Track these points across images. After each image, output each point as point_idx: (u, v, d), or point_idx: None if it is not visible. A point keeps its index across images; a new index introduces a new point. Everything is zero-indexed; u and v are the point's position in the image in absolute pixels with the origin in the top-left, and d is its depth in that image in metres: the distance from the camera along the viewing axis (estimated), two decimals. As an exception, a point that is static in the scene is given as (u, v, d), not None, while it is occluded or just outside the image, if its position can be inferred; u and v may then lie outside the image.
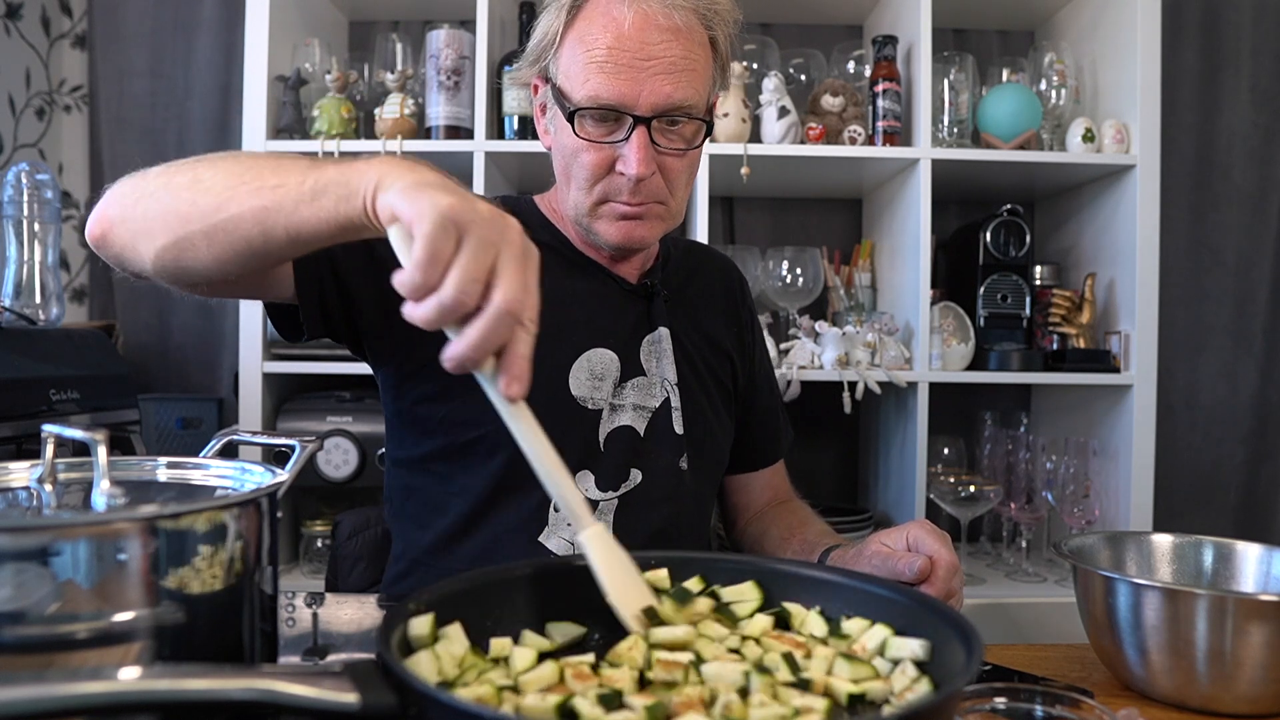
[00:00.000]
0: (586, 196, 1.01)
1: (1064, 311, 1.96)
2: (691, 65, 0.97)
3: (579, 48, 0.97)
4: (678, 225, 1.09)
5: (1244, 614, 0.65)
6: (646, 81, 0.95)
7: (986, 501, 1.87)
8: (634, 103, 0.95)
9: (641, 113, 0.95)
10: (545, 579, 0.68)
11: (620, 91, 0.95)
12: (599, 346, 1.06)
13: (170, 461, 0.68)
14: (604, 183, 1.00)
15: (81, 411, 1.55)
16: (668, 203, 1.02)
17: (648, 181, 0.98)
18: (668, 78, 0.95)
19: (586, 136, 0.98)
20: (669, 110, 0.96)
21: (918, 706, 0.47)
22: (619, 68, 0.94)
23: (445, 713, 0.45)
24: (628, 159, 0.96)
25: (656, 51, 0.95)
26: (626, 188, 0.98)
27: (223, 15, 2.17)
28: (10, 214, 1.68)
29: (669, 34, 0.95)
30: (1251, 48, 2.22)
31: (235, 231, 0.75)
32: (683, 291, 1.16)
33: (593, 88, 0.95)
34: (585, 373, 1.05)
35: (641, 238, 1.03)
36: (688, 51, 0.96)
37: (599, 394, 1.05)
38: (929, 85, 1.86)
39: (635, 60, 0.94)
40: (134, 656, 0.50)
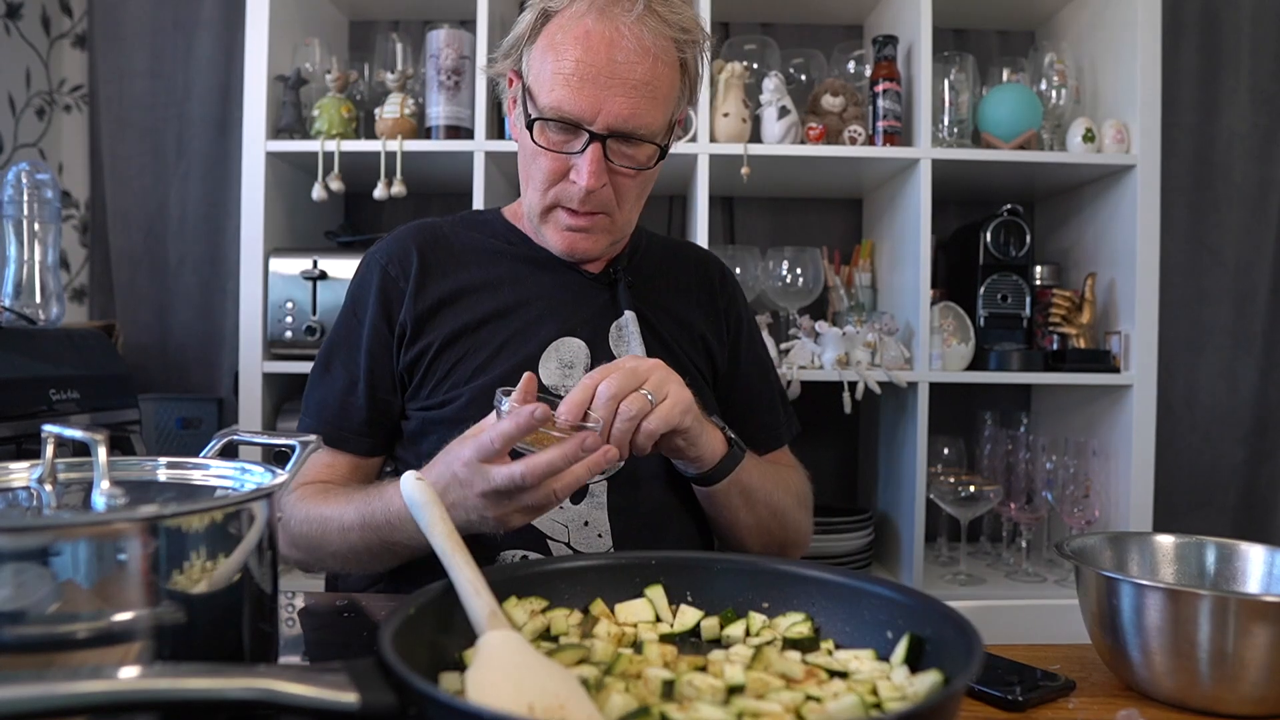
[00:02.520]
0: (540, 199, 1.06)
1: (1064, 311, 1.96)
2: (653, 91, 0.99)
3: (549, 54, 1.00)
4: (624, 238, 1.13)
5: (1247, 615, 0.64)
6: (607, 100, 0.98)
7: (986, 501, 1.87)
8: (592, 118, 0.98)
9: (597, 129, 0.99)
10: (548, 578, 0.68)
11: (581, 106, 0.98)
12: (566, 335, 1.10)
13: (170, 461, 0.68)
14: (557, 189, 1.04)
15: (81, 411, 1.54)
16: (614, 216, 1.06)
17: (597, 194, 1.02)
18: (627, 100, 0.98)
19: (545, 144, 1.02)
20: (624, 131, 1.00)
21: (919, 706, 0.47)
22: (583, 81, 0.97)
23: (445, 712, 0.45)
24: (580, 170, 1.00)
25: (621, 71, 0.97)
26: (576, 196, 1.02)
27: (223, 15, 2.17)
28: (10, 214, 1.68)
29: (636, 55, 0.97)
30: (1251, 48, 2.22)
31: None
32: (652, 280, 1.18)
33: (556, 98, 0.99)
34: (555, 362, 1.08)
35: (585, 250, 1.08)
36: (653, 75, 0.99)
37: (570, 381, 1.07)
38: (929, 85, 1.86)
39: (599, 76, 0.97)
40: (134, 656, 0.50)
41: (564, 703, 0.50)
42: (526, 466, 0.77)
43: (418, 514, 0.68)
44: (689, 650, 0.65)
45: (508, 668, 0.53)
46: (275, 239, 1.88)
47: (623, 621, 0.68)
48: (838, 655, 0.63)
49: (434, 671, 0.57)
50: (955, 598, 1.77)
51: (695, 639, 0.68)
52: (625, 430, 0.87)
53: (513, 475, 0.77)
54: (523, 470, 0.77)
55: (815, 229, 2.30)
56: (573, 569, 0.71)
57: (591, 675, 0.55)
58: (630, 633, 0.66)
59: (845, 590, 0.67)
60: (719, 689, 0.54)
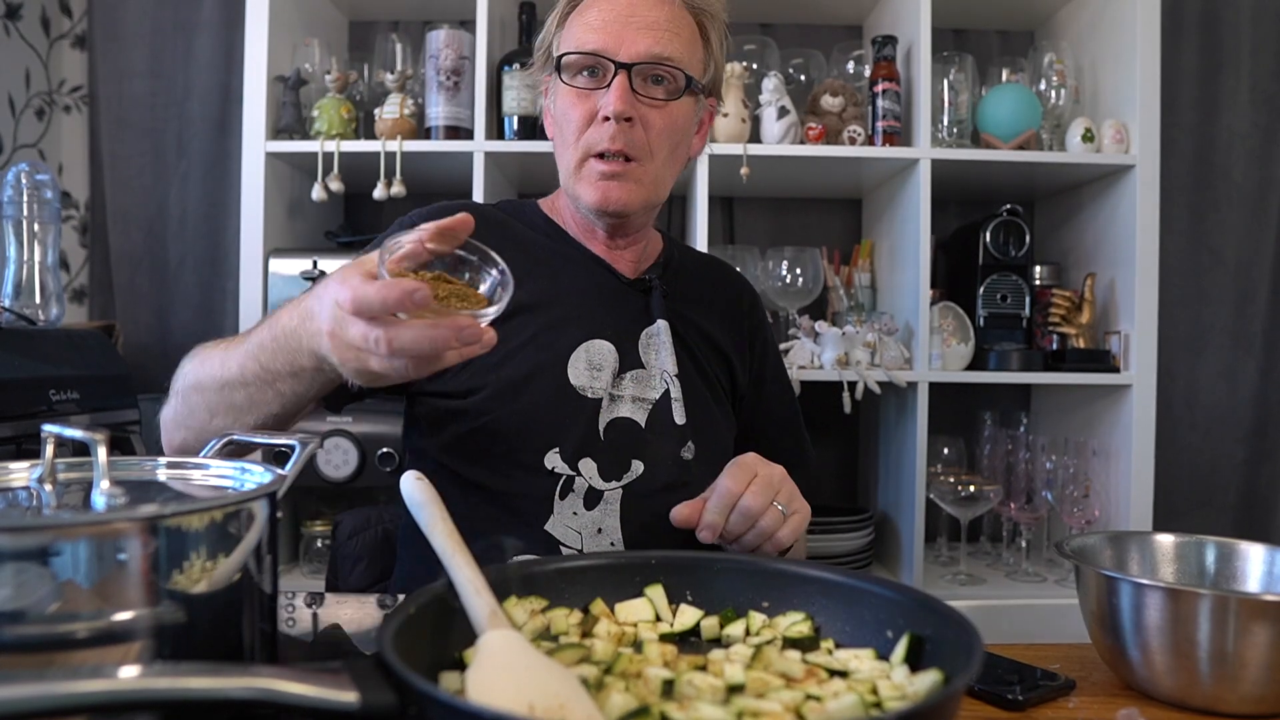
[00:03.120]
0: (573, 152, 1.06)
1: (1064, 311, 1.96)
2: (675, 29, 1.04)
3: (576, 23, 1.06)
4: (659, 200, 1.11)
5: (1247, 614, 0.64)
6: (628, 35, 1.02)
7: (986, 501, 1.87)
8: (615, 50, 1.02)
9: (623, 59, 1.02)
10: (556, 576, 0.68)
11: (603, 42, 1.02)
12: (597, 338, 1.08)
13: (170, 461, 0.68)
14: (588, 134, 1.04)
15: (81, 411, 1.54)
16: (645, 162, 1.05)
17: (626, 129, 1.02)
18: (650, 32, 1.02)
19: (575, 86, 1.04)
20: (649, 58, 1.02)
21: (919, 705, 0.47)
22: (605, 23, 1.03)
23: (445, 712, 0.45)
24: (607, 100, 1.02)
25: (641, 13, 1.03)
26: (606, 134, 1.03)
27: (223, 15, 2.17)
28: (10, 214, 1.68)
29: (655, 4, 1.04)
30: (1251, 48, 2.22)
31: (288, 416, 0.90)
32: (684, 292, 1.17)
33: (579, 41, 1.04)
34: (584, 363, 1.07)
35: (619, 200, 1.06)
36: (672, 18, 1.04)
37: (598, 383, 1.07)
38: (929, 85, 1.86)
39: (620, 17, 1.03)
40: (134, 656, 0.50)
41: (564, 702, 0.49)
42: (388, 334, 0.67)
43: (417, 513, 0.68)
44: (689, 650, 0.65)
45: (508, 667, 0.53)
46: (275, 239, 1.88)
47: (623, 621, 0.68)
48: (838, 655, 0.63)
49: (434, 671, 0.57)
50: (955, 598, 1.77)
51: (695, 639, 0.68)
52: (756, 543, 0.90)
53: (366, 336, 0.68)
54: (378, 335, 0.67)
55: (815, 229, 2.30)
56: (573, 569, 0.71)
57: (591, 675, 0.55)
58: (630, 632, 0.66)
59: (845, 590, 0.67)
60: (719, 688, 0.54)
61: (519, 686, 0.51)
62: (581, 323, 1.08)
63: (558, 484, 1.04)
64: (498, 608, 0.59)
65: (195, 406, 0.92)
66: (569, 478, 1.04)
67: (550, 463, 1.04)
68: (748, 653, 0.62)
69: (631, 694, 0.53)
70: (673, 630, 0.67)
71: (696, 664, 0.60)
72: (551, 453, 1.04)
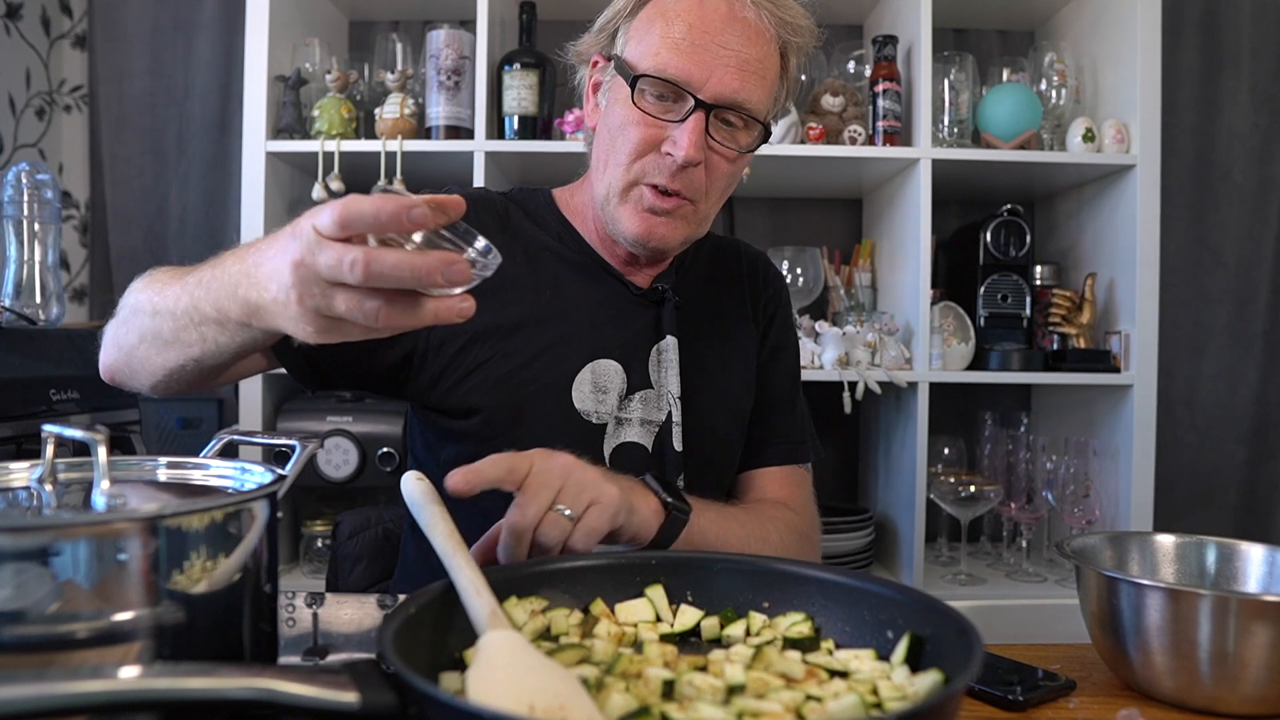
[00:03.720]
0: (623, 174, 0.97)
1: (1064, 311, 1.96)
2: (763, 70, 0.95)
3: (657, 22, 0.95)
4: (700, 235, 1.04)
5: (1248, 615, 0.64)
6: (717, 69, 0.92)
7: (986, 501, 1.87)
8: (700, 85, 0.92)
9: (705, 97, 0.93)
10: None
11: (689, 71, 0.92)
12: (604, 357, 1.02)
13: (170, 461, 0.68)
14: (645, 161, 0.96)
15: (81, 411, 1.54)
16: (699, 204, 0.98)
17: (690, 173, 0.95)
18: (738, 72, 0.93)
19: (644, 109, 0.94)
20: (732, 103, 0.93)
21: (919, 705, 0.47)
22: (694, 48, 0.92)
23: (445, 712, 0.45)
24: (678, 140, 0.93)
25: (734, 44, 0.93)
26: (667, 170, 0.94)
27: (223, 15, 2.17)
28: (10, 214, 1.68)
29: (751, 32, 0.94)
30: (1251, 48, 2.22)
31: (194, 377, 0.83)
32: (702, 295, 1.10)
33: (662, 61, 0.93)
34: (589, 385, 1.01)
35: (663, 237, 0.98)
36: (764, 55, 0.95)
37: (603, 407, 1.00)
38: (929, 85, 1.86)
39: (712, 44, 0.92)
40: (134, 656, 0.50)
41: (565, 703, 0.49)
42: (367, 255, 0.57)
43: (417, 514, 0.68)
44: (689, 650, 0.65)
45: (509, 667, 0.53)
46: (275, 239, 1.88)
47: (623, 621, 0.67)
48: (838, 655, 0.63)
49: (434, 671, 0.57)
50: (955, 598, 1.77)
51: (695, 639, 0.68)
52: (551, 552, 0.76)
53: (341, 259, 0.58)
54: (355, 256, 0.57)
55: (815, 229, 2.30)
56: (573, 569, 0.71)
57: (591, 675, 0.55)
58: (630, 633, 0.66)
59: (845, 590, 0.67)
60: (719, 689, 0.54)
61: (519, 687, 0.51)
62: (587, 340, 1.02)
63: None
64: (498, 608, 0.59)
65: (130, 328, 0.84)
66: None
67: None
68: (748, 653, 0.62)
69: (631, 694, 0.53)
70: (673, 630, 0.67)
71: (696, 664, 0.60)
72: None
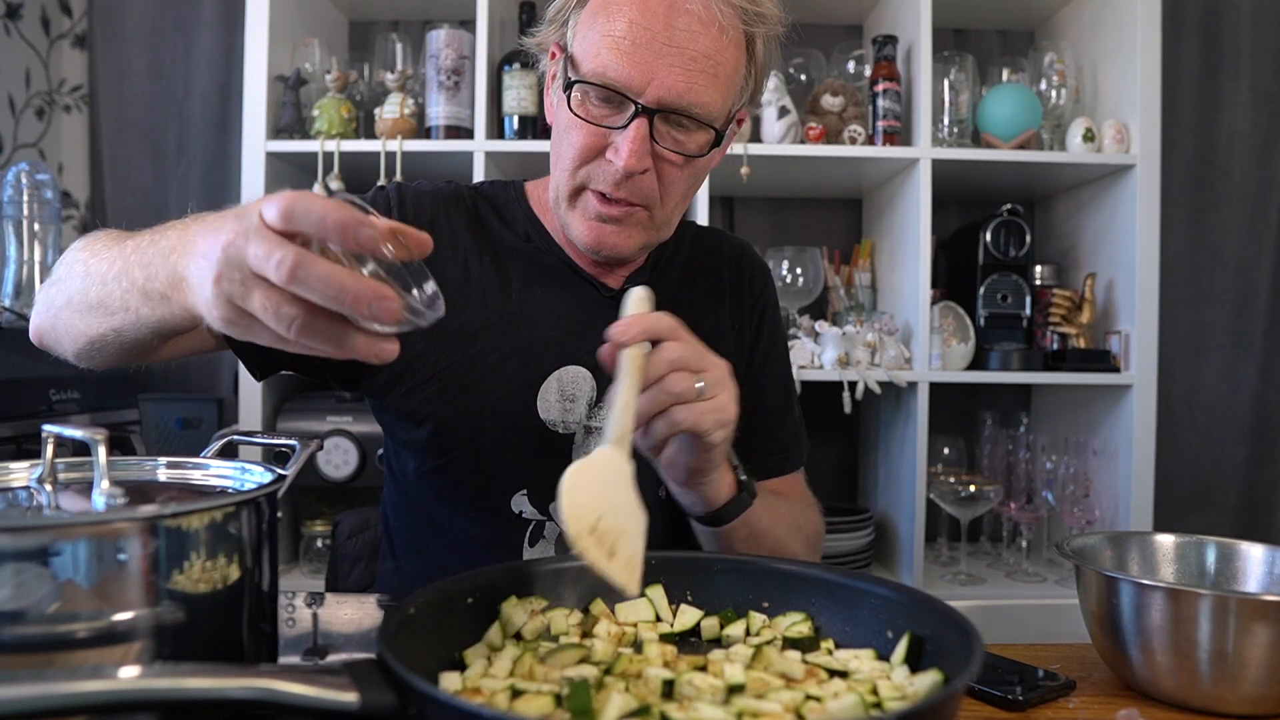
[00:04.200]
0: (568, 180, 0.91)
1: (1064, 311, 1.96)
2: (715, 67, 0.86)
3: (600, 15, 0.87)
4: (662, 240, 0.98)
5: (1248, 614, 0.64)
6: (659, 69, 0.84)
7: (986, 501, 1.87)
8: (640, 89, 0.85)
9: (646, 102, 0.85)
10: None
11: (628, 74, 0.84)
12: (571, 364, 0.97)
13: (170, 461, 0.68)
14: (589, 167, 0.90)
15: (81, 411, 1.55)
16: (654, 210, 0.92)
17: (637, 180, 0.88)
18: (684, 72, 0.85)
19: (585, 116, 0.88)
20: (677, 107, 0.86)
21: (919, 705, 0.47)
22: (634, 46, 0.84)
23: (445, 712, 0.45)
24: (620, 148, 0.86)
25: (680, 39, 0.84)
26: (611, 178, 0.88)
27: (223, 15, 2.17)
28: (10, 214, 1.68)
29: (699, 25, 0.85)
30: (1251, 48, 2.22)
31: (114, 348, 0.75)
32: (678, 292, 1.03)
33: (601, 63, 0.85)
34: (555, 394, 0.96)
35: (615, 245, 0.92)
36: (715, 49, 0.86)
37: (571, 416, 0.96)
38: (929, 85, 1.86)
39: (654, 42, 0.84)
40: (134, 656, 0.50)
41: (621, 536, 0.61)
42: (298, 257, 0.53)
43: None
44: (689, 650, 0.65)
45: (603, 481, 0.63)
46: (275, 239, 1.88)
47: (623, 621, 0.68)
48: (838, 655, 0.63)
49: (434, 671, 0.57)
50: (955, 598, 1.77)
51: (695, 639, 0.68)
52: (658, 404, 0.74)
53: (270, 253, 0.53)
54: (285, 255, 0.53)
55: (815, 229, 2.30)
56: (573, 569, 0.71)
57: (591, 675, 0.55)
58: (630, 633, 0.66)
59: (845, 590, 0.67)
60: (719, 689, 0.54)
61: (599, 499, 0.61)
62: (554, 347, 0.97)
63: (526, 529, 0.96)
64: (629, 434, 0.67)
65: (60, 289, 0.77)
66: (539, 523, 0.96)
67: (518, 506, 0.96)
68: (748, 653, 0.62)
69: (631, 694, 0.53)
70: (673, 630, 0.67)
71: (696, 664, 0.60)
72: (519, 495, 0.96)
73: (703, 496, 0.84)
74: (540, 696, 0.52)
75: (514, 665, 0.58)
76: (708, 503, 0.85)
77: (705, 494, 0.84)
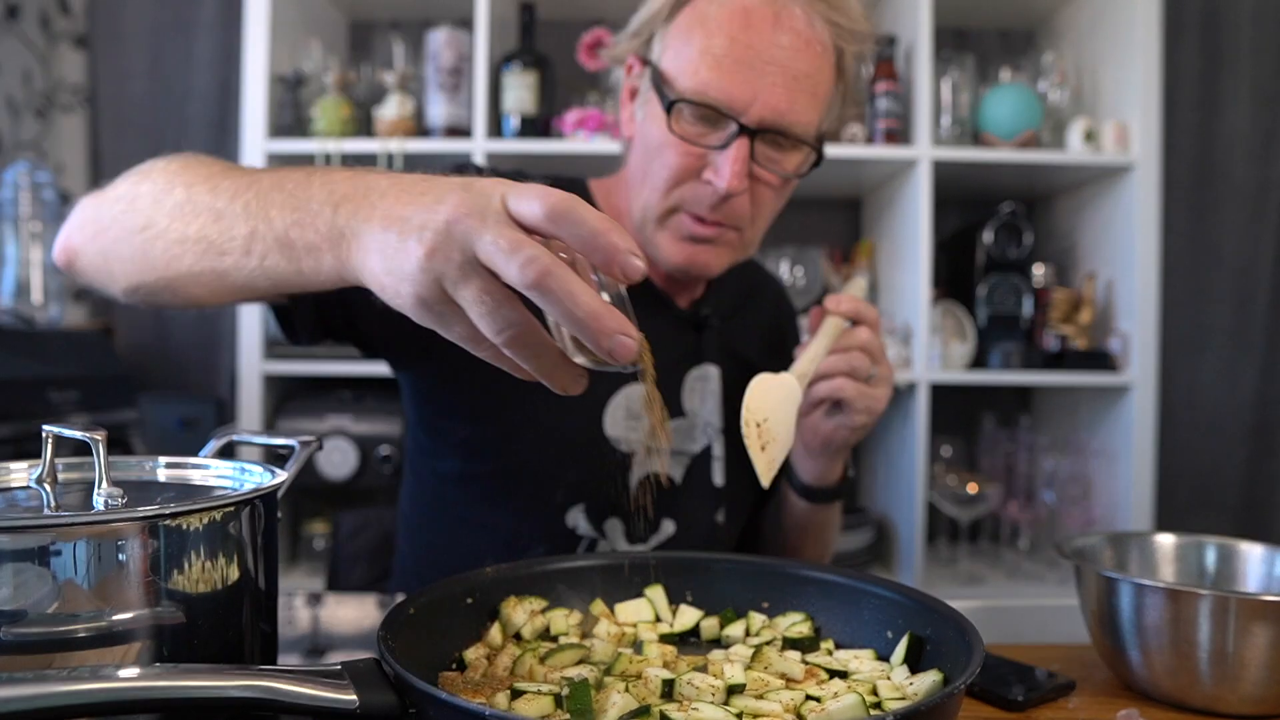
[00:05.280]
0: (660, 200, 0.89)
1: (1064, 311, 1.96)
2: (814, 85, 0.85)
3: (696, 31, 0.85)
4: (746, 259, 0.97)
5: (1247, 614, 0.64)
6: (763, 88, 0.83)
7: (986, 502, 1.87)
8: (744, 108, 0.83)
9: (749, 122, 0.83)
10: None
11: (731, 92, 0.83)
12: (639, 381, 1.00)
13: (170, 461, 0.68)
14: (684, 189, 0.87)
15: (80, 411, 1.54)
16: (744, 231, 0.91)
17: (733, 201, 0.86)
18: (786, 91, 0.83)
19: (681, 134, 0.85)
20: (779, 127, 0.84)
21: (919, 705, 0.47)
22: (737, 64, 0.82)
23: (445, 712, 0.45)
24: (720, 169, 0.84)
25: (782, 57, 0.83)
26: (707, 201, 0.86)
27: (223, 15, 2.17)
28: (10, 214, 1.68)
29: (800, 42, 0.83)
30: (1252, 47, 2.22)
31: (193, 288, 0.66)
32: (734, 318, 1.06)
33: (702, 80, 0.83)
34: (623, 410, 0.94)
35: (706, 264, 0.91)
36: (814, 68, 0.85)
37: (634, 435, 0.95)
38: (929, 85, 1.86)
39: (758, 60, 0.82)
40: (134, 656, 0.50)
41: (774, 440, 0.78)
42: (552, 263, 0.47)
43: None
44: (689, 650, 0.65)
45: (781, 396, 0.79)
46: (275, 239, 1.88)
47: (623, 621, 0.68)
48: (838, 655, 0.63)
49: (434, 671, 0.57)
50: (955, 598, 1.77)
51: (695, 639, 0.68)
52: (835, 370, 0.86)
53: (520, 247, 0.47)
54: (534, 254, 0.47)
55: (815, 229, 2.30)
56: (573, 569, 0.71)
57: (591, 675, 0.55)
58: (630, 633, 0.66)
59: (845, 590, 0.67)
60: (719, 689, 0.54)
61: (774, 407, 0.78)
62: None
63: (579, 546, 0.94)
64: (808, 376, 0.83)
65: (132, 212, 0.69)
66: (592, 540, 0.94)
67: (572, 521, 0.94)
68: (747, 653, 0.62)
69: (631, 694, 0.53)
70: (673, 631, 0.67)
71: (696, 664, 0.60)
72: (575, 510, 0.94)
73: (816, 469, 0.95)
74: (540, 696, 0.52)
75: (514, 665, 0.58)
76: (817, 478, 0.95)
77: (820, 468, 0.94)
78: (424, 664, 0.55)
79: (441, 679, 0.56)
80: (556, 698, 0.52)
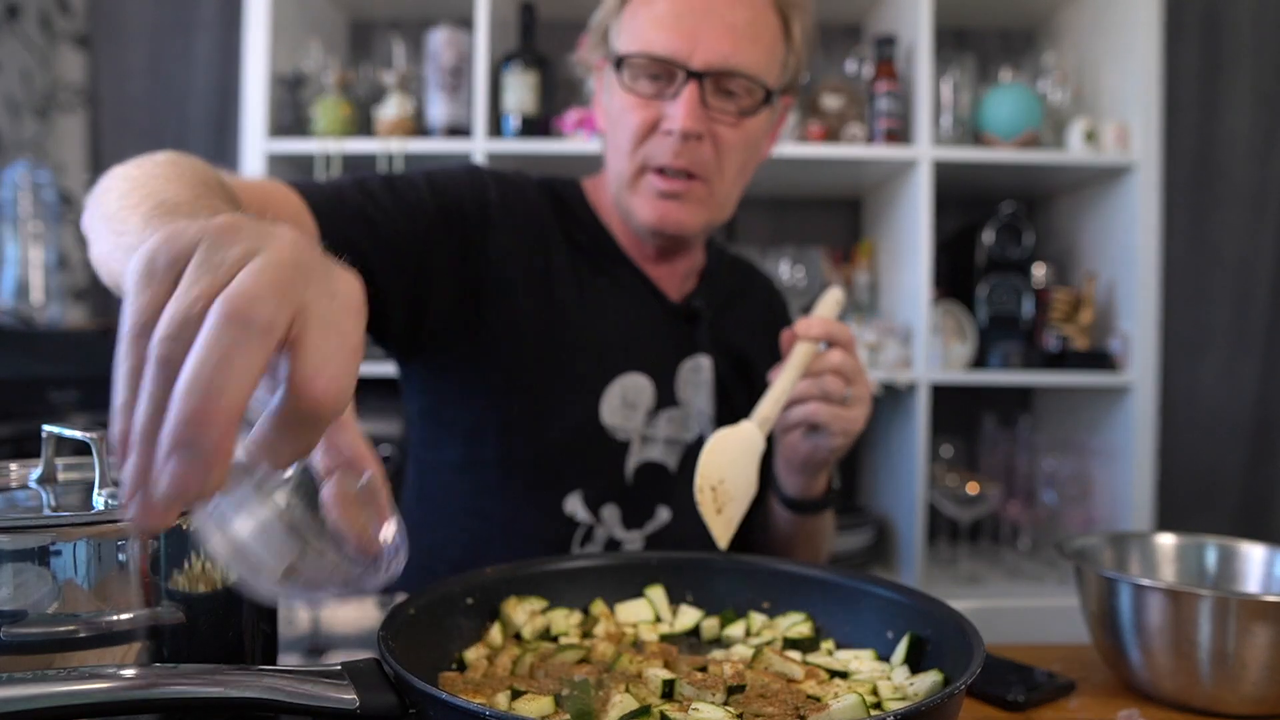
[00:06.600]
0: (628, 161, 0.93)
1: (1064, 312, 1.96)
2: (756, 32, 0.90)
3: (640, 8, 0.92)
4: (722, 221, 1.00)
5: (1248, 615, 0.64)
6: (704, 36, 0.88)
7: (986, 502, 1.87)
8: (687, 56, 0.88)
9: (695, 66, 0.88)
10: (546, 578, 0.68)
11: (675, 44, 0.88)
12: (634, 371, 0.99)
13: (170, 461, 0.68)
14: (647, 145, 0.92)
15: (80, 411, 1.54)
16: (711, 181, 0.93)
17: (693, 146, 0.90)
18: (729, 35, 0.88)
19: (637, 91, 0.91)
20: (725, 69, 0.89)
21: (919, 705, 0.47)
22: (678, 18, 0.89)
23: (445, 712, 0.45)
24: (673, 114, 0.89)
25: (719, 8, 0.89)
26: (670, 148, 0.90)
27: (223, 15, 2.17)
28: (10, 214, 1.68)
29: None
30: (1252, 48, 2.22)
31: None
32: (725, 312, 1.09)
33: (647, 40, 0.90)
34: (618, 399, 0.98)
35: (679, 221, 0.94)
36: (754, 17, 0.90)
37: (630, 423, 0.98)
38: (929, 85, 1.86)
39: (695, 13, 0.88)
40: (134, 657, 0.49)
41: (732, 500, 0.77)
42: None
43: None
44: (689, 650, 0.65)
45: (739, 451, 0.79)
46: (275, 239, 1.88)
47: (623, 621, 0.68)
48: (838, 655, 0.63)
49: (434, 671, 0.57)
50: (955, 598, 1.77)
51: (695, 639, 0.68)
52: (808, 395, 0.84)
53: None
54: None
55: (815, 229, 2.30)
56: (573, 569, 0.71)
57: (591, 675, 0.55)
58: (630, 633, 0.66)
59: (845, 590, 0.67)
60: (719, 689, 0.54)
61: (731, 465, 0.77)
62: (621, 351, 0.99)
63: (575, 531, 0.97)
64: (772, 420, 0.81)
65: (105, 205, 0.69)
66: (589, 527, 0.97)
67: (570, 508, 0.97)
68: (748, 653, 0.62)
69: (631, 694, 0.53)
70: (673, 631, 0.67)
71: (697, 664, 0.60)
72: (573, 496, 0.97)
73: (799, 484, 0.95)
74: (540, 696, 0.52)
75: (514, 665, 0.58)
76: (800, 491, 0.96)
77: (802, 483, 0.95)
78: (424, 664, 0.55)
79: (442, 679, 0.56)
80: (556, 698, 0.52)
